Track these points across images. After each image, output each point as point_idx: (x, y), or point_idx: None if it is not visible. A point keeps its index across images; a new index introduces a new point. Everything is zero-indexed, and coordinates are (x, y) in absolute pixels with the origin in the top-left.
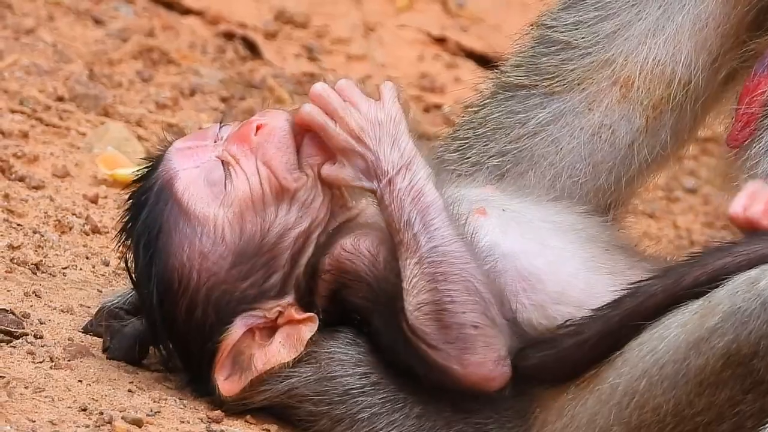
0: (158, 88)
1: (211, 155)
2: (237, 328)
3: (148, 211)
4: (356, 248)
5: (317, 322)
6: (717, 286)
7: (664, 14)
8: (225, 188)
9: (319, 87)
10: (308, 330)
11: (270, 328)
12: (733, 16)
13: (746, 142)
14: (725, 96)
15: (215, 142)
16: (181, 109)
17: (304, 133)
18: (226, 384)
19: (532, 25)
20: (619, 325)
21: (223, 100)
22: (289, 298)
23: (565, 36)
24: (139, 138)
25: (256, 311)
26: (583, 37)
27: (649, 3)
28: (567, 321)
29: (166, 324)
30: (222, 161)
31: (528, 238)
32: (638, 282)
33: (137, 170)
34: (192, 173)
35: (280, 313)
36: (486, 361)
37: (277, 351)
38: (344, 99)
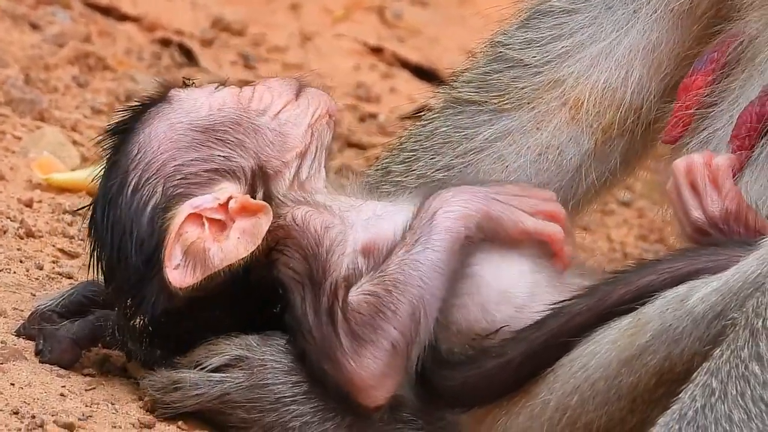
0: (94, 94)
1: None
2: (183, 211)
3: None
4: (305, 222)
5: (271, 213)
6: (643, 304)
7: (617, 38)
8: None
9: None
10: (265, 221)
11: (221, 223)
12: (686, 39)
13: (682, 138)
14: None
15: None
16: None
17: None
18: (176, 273)
19: (486, 42)
20: (544, 346)
21: None
22: (243, 188)
23: (517, 54)
24: (75, 143)
25: (205, 196)
26: (534, 56)
27: (603, 26)
28: (488, 338)
29: (109, 216)
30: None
31: None
32: (562, 302)
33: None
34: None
35: (231, 197)
36: (377, 374)
37: (234, 246)
38: None
